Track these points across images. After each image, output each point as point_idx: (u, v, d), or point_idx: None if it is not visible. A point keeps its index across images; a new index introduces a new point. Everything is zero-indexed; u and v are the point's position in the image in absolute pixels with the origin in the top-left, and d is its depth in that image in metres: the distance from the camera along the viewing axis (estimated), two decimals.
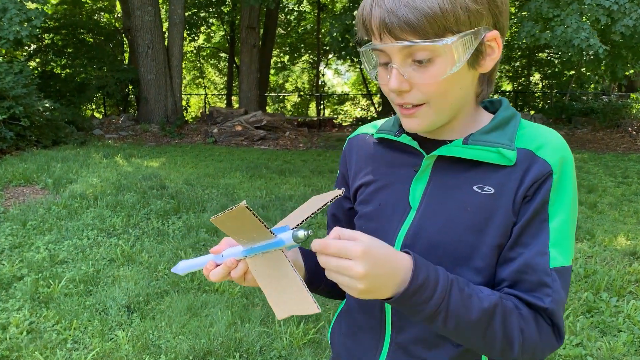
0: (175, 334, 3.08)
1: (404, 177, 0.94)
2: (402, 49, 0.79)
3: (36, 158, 7.16)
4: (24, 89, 7.71)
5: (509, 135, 0.87)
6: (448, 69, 0.79)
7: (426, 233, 0.88)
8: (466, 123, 0.91)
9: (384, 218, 0.95)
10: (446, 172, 0.89)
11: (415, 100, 0.83)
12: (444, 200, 0.88)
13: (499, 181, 0.84)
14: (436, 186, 0.89)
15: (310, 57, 25.37)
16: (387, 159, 0.98)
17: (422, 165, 0.90)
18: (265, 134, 12.12)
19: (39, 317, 3.23)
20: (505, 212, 0.83)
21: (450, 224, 0.86)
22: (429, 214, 0.89)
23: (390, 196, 0.95)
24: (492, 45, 0.83)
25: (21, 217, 4.88)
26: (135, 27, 12.45)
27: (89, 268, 3.90)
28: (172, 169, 7.66)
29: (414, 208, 0.91)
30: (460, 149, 0.86)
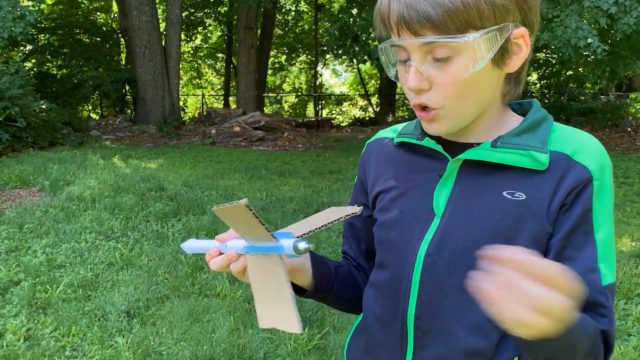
0: (176, 340, 3.01)
1: (427, 182, 0.88)
2: (422, 45, 0.74)
3: (33, 160, 7.08)
4: (19, 89, 7.62)
5: (540, 137, 0.80)
6: (470, 67, 0.73)
7: (452, 241, 0.82)
8: (493, 125, 0.85)
9: (405, 226, 0.88)
10: (473, 177, 0.83)
11: (433, 103, 0.78)
12: (470, 206, 0.82)
13: (531, 187, 0.78)
14: (462, 192, 0.83)
15: (308, 57, 25.31)
16: (409, 164, 0.92)
17: (447, 169, 0.84)
18: (264, 134, 12.05)
19: (37, 323, 3.15)
20: (538, 220, 0.77)
21: (478, 231, 0.80)
22: (455, 221, 0.83)
23: (412, 202, 0.89)
24: (520, 43, 0.77)
25: (18, 220, 4.80)
26: (132, 27, 12.37)
27: (87, 272, 3.83)
28: (170, 171, 7.59)
29: (438, 215, 0.85)
30: (489, 152, 0.80)
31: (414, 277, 0.85)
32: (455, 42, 0.72)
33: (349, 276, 1.04)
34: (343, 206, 0.84)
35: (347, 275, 1.04)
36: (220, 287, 3.67)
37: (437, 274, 0.83)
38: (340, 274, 1.02)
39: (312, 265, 0.95)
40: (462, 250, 0.81)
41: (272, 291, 0.75)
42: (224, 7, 19.61)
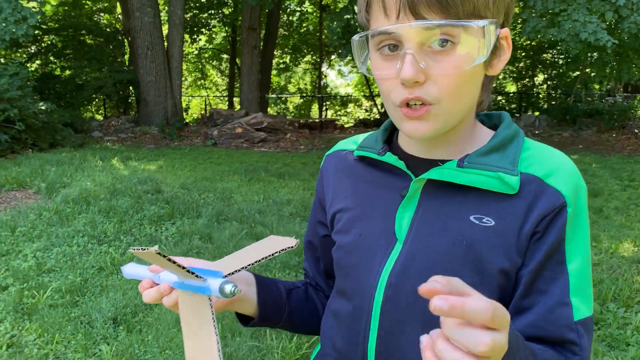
0: (162, 348, 2.95)
1: (388, 203, 0.80)
2: (422, 31, 0.64)
3: (31, 161, 7.05)
4: (18, 91, 7.60)
5: (511, 157, 0.73)
6: (474, 57, 0.66)
7: (416, 270, 0.75)
8: (464, 138, 0.78)
9: (365, 251, 0.81)
10: (438, 198, 0.76)
11: (428, 96, 0.68)
12: (435, 231, 0.75)
13: (500, 212, 0.72)
14: (426, 214, 0.76)
15: (312, 57, 25.26)
16: (370, 181, 0.84)
17: (410, 189, 0.77)
18: (266, 135, 12.00)
19: (21, 330, 3.10)
20: (507, 249, 0.71)
21: (444, 259, 0.73)
22: (419, 248, 0.75)
23: (372, 225, 0.81)
24: (504, 44, 0.72)
25: (11, 223, 4.76)
26: (135, 28, 12.36)
27: (76, 277, 3.77)
28: (169, 173, 7.54)
29: (400, 240, 0.77)
30: (455, 172, 0.73)
31: (374, 309, 0.78)
32: (465, 28, 0.64)
33: (304, 300, 0.98)
34: (282, 236, 0.77)
35: (301, 300, 0.97)
36: None
37: (398, 306, 0.76)
38: (293, 299, 0.95)
39: (257, 292, 0.88)
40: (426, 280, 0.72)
41: (199, 331, 0.70)
42: (229, 8, 19.59)
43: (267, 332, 3.09)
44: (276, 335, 3.07)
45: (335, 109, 24.82)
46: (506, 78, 21.72)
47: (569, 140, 12.59)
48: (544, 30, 9.05)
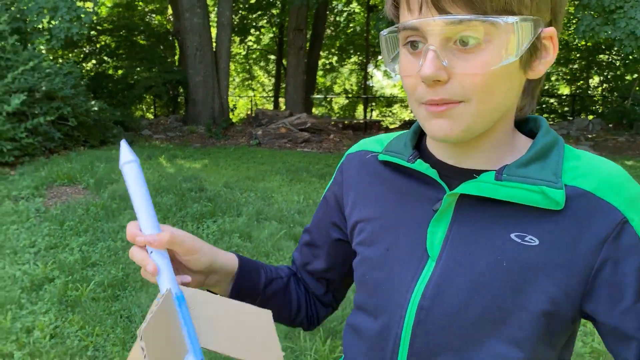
0: None
1: (419, 215, 0.74)
2: (447, 26, 0.59)
3: (82, 158, 7.30)
4: (72, 89, 7.89)
5: (553, 168, 0.66)
6: (502, 58, 0.60)
7: (451, 291, 0.69)
8: (500, 146, 0.71)
9: (393, 267, 0.75)
10: (474, 212, 0.69)
11: (452, 95, 0.62)
12: (473, 249, 0.68)
13: (546, 230, 0.64)
14: (462, 231, 0.70)
15: (359, 58, 25.19)
16: (398, 190, 0.78)
17: (443, 204, 0.70)
18: (309, 136, 12.02)
19: (64, 321, 3.20)
20: (555, 271, 0.64)
21: (482, 280, 0.67)
22: (454, 267, 0.69)
23: (401, 239, 0.75)
24: (548, 45, 0.64)
25: (60, 217, 4.94)
26: (184, 29, 12.63)
27: (118, 272, 3.87)
28: (213, 171, 7.66)
29: (432, 257, 0.71)
30: (492, 186, 0.66)
31: (404, 332, 0.72)
32: (492, 24, 0.58)
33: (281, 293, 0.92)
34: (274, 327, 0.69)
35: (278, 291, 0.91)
36: None
37: (431, 330, 0.70)
38: (270, 290, 0.89)
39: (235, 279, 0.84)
40: (463, 302, 0.68)
41: None
42: (276, 9, 19.77)
43: (301, 334, 3.08)
44: (310, 337, 3.06)
45: (381, 110, 24.67)
46: (559, 80, 21.03)
47: (625, 145, 12.05)
48: (599, 28, 8.69)
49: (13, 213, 4.99)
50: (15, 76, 6.98)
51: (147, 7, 17.38)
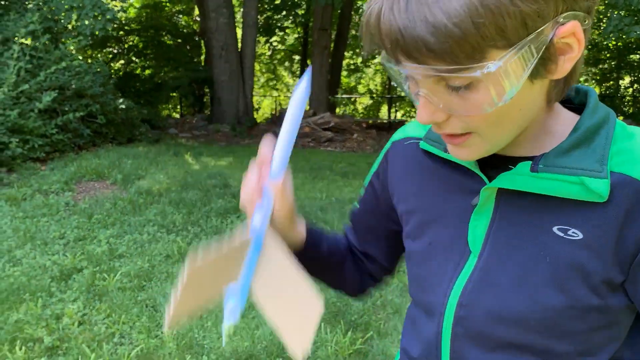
0: (219, 334, 3.04)
1: (460, 208, 0.71)
2: (428, 76, 0.56)
3: (109, 154, 7.46)
4: (101, 87, 8.07)
5: (598, 153, 0.61)
6: (497, 99, 0.55)
7: (492, 289, 0.67)
8: (536, 135, 0.67)
9: (435, 262, 0.74)
10: (516, 205, 0.66)
11: (458, 130, 0.61)
12: (515, 245, 0.66)
13: (589, 223, 0.61)
14: (503, 224, 0.67)
15: None
16: (438, 180, 0.75)
17: (480, 198, 0.68)
18: (333, 135, 12.07)
19: (92, 309, 3.29)
20: (599, 267, 0.61)
21: (525, 278, 0.64)
22: (496, 263, 0.67)
23: (442, 233, 0.73)
24: (570, 41, 0.56)
25: (88, 210, 5.07)
26: (210, 29, 12.78)
27: (144, 263, 3.96)
28: (237, 169, 7.75)
29: (474, 253, 0.69)
30: (528, 179, 0.63)
31: (444, 329, 0.72)
32: (468, 76, 0.54)
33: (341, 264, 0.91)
34: None
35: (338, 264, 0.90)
36: None
37: (473, 328, 0.69)
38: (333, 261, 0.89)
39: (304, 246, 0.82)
40: (504, 301, 0.66)
41: None
42: (301, 10, 19.86)
43: (322, 326, 3.11)
44: (330, 329, 3.09)
45: (405, 110, 24.56)
46: (588, 80, 20.66)
47: None
48: (628, 28, 8.52)
49: (43, 206, 5.13)
50: (47, 74, 7.18)
51: (174, 8, 17.65)
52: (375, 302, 3.50)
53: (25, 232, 4.47)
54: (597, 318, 0.64)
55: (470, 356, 0.70)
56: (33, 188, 5.64)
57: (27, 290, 3.45)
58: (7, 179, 5.91)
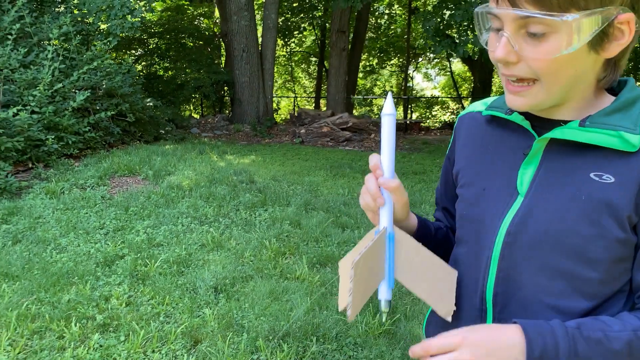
0: (257, 315, 3.26)
1: (512, 159, 0.87)
2: (517, 17, 0.72)
3: (139, 152, 7.74)
4: (130, 87, 8.36)
5: (634, 118, 0.77)
6: (562, 48, 0.71)
7: (534, 221, 0.82)
8: (583, 105, 0.82)
9: (488, 203, 0.89)
10: (559, 157, 0.82)
11: (523, 73, 0.76)
12: (556, 186, 0.81)
13: (620, 169, 0.76)
14: (548, 171, 0.82)
15: (399, 60, 25.27)
16: (495, 139, 0.92)
17: (533, 148, 0.83)
18: (351, 135, 12.25)
19: (137, 292, 3.53)
20: (626, 205, 0.76)
21: (562, 212, 0.79)
22: (539, 201, 0.82)
23: (496, 179, 0.89)
24: (623, 28, 0.72)
25: (124, 203, 5.33)
26: (232, 31, 13.05)
27: (182, 251, 4.20)
28: (260, 166, 7.99)
29: (521, 194, 0.85)
30: (577, 131, 0.78)
31: (494, 254, 0.86)
32: (552, 20, 0.69)
33: (445, 238, 1.09)
34: None
35: (443, 237, 1.09)
36: (300, 271, 3.89)
37: (517, 252, 0.84)
38: (439, 235, 1.08)
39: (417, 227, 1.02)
40: (544, 230, 0.81)
41: None
42: (319, 12, 20.09)
43: None
44: (361, 311, 3.29)
45: (421, 112, 24.67)
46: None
47: None
48: None
49: (81, 199, 5.40)
50: (79, 74, 7.48)
51: (196, 11, 17.99)
52: (402, 289, 3.70)
53: (67, 222, 4.74)
54: (620, 250, 0.78)
55: (513, 275, 0.85)
56: (70, 182, 5.92)
57: (76, 274, 3.70)
58: (44, 174, 6.20)
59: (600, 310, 0.81)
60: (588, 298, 0.80)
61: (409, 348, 0.79)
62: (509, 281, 0.85)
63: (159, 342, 2.93)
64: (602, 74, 0.79)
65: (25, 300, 3.30)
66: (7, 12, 7.43)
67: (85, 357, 2.73)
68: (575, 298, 0.81)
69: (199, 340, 2.97)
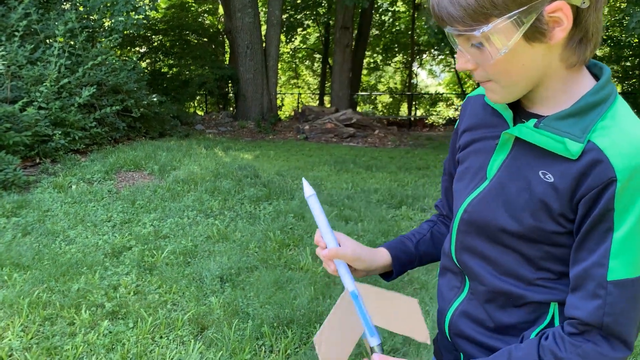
0: (262, 303, 3.33)
1: (491, 145, 0.95)
2: (457, 35, 0.82)
3: (144, 147, 7.82)
4: (135, 84, 8.44)
5: (584, 125, 0.81)
6: (495, 53, 0.79)
7: (486, 204, 0.93)
8: (557, 92, 0.86)
9: (465, 181, 1.00)
10: (523, 150, 0.89)
11: (481, 77, 0.87)
12: (512, 177, 0.89)
13: (561, 172, 0.82)
14: (511, 162, 0.91)
15: (403, 57, 25.28)
16: (487, 122, 0.99)
17: (501, 139, 0.91)
18: (355, 131, 12.31)
19: (144, 281, 3.61)
20: (561, 205, 0.83)
21: (510, 201, 0.89)
22: (494, 189, 0.92)
23: (476, 161, 0.98)
24: (558, 17, 0.76)
25: (131, 197, 5.41)
26: (236, 28, 13.13)
27: (188, 243, 4.28)
28: (265, 161, 8.06)
29: (488, 178, 0.94)
30: (530, 131, 0.85)
31: (454, 226, 1.01)
32: (473, 35, 0.79)
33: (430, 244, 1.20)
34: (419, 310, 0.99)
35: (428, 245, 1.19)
36: (304, 262, 3.96)
37: (466, 230, 0.97)
38: (422, 248, 1.18)
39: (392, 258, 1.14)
40: (492, 213, 0.92)
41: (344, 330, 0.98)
42: (323, 9, 20.13)
43: None
44: None
45: (425, 108, 24.69)
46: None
47: None
48: None
49: (88, 193, 5.49)
50: (85, 71, 7.56)
51: (200, 8, 18.06)
52: (403, 279, 3.77)
53: (75, 215, 4.83)
54: (556, 238, 0.86)
55: (468, 245, 0.98)
56: (77, 177, 6.00)
57: (84, 265, 3.78)
58: (52, 169, 6.29)
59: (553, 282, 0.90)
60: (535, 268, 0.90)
61: None
62: (464, 251, 0.99)
63: (166, 328, 3.00)
64: (568, 56, 0.82)
65: (36, 289, 3.38)
66: (14, 9, 7.52)
67: (96, 342, 2.80)
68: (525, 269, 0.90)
69: (205, 326, 3.04)
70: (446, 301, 1.06)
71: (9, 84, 6.71)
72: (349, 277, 1.00)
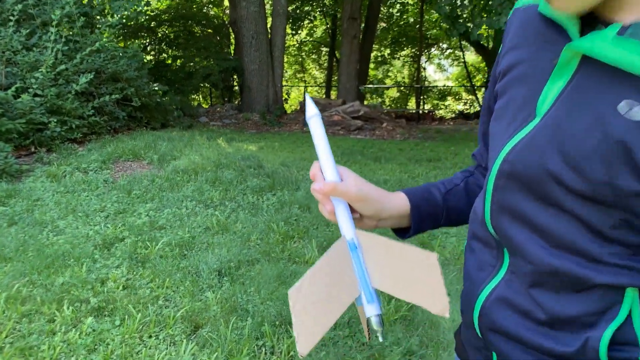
0: (263, 299, 3.03)
1: (545, 68, 0.67)
2: None
3: (145, 137, 7.54)
4: (135, 72, 8.15)
5: None
6: None
7: (535, 153, 0.66)
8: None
9: (506, 121, 0.72)
10: (595, 70, 0.61)
11: None
12: (575, 112, 0.62)
13: None
14: (574, 90, 0.63)
15: (411, 50, 24.91)
16: (541, 37, 0.70)
17: (562, 57, 0.63)
18: (362, 124, 12.00)
19: (135, 274, 3.32)
20: None
21: (572, 146, 0.61)
22: (551, 128, 0.64)
23: (521, 92, 0.71)
24: None
25: (127, 187, 5.12)
26: (241, 17, 12.82)
27: (185, 234, 3.98)
28: (269, 152, 7.76)
29: (539, 115, 0.66)
30: (608, 46, 0.57)
31: (489, 183, 0.74)
32: None
33: (463, 196, 0.93)
34: None
35: (460, 197, 0.92)
36: (309, 254, 3.66)
37: (508, 183, 0.70)
38: (452, 200, 0.91)
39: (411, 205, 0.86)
40: (539, 165, 0.65)
41: None
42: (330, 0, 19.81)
43: None
44: None
45: (433, 102, 24.34)
46: None
47: None
48: None
49: (83, 182, 5.21)
50: (82, 57, 7.28)
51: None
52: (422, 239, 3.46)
53: (67, 205, 4.55)
54: (637, 201, 0.59)
55: (509, 206, 0.71)
56: (72, 166, 5.72)
57: (72, 257, 3.50)
58: (47, 158, 6.01)
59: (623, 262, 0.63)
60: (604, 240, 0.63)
61: None
62: (503, 215, 0.72)
63: (156, 326, 2.71)
64: None
65: (16, 282, 3.09)
66: None
67: (76, 342, 2.51)
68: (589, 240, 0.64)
69: (199, 325, 2.74)
70: (476, 284, 0.79)
71: (3, 70, 6.44)
72: (349, 221, 0.74)
